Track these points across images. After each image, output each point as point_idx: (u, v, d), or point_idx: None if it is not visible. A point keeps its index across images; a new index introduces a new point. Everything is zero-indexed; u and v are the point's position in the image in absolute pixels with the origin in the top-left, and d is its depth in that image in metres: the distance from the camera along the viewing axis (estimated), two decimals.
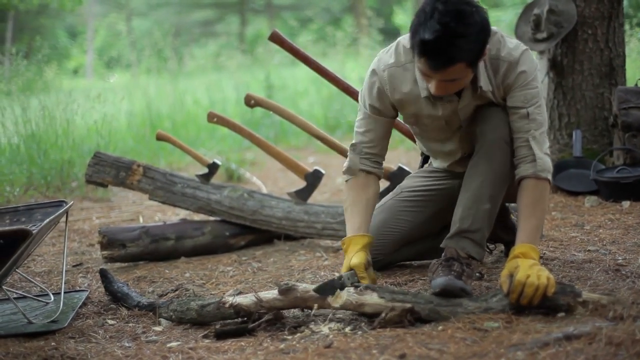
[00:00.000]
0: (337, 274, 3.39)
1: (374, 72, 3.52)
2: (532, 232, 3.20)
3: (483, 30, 3.08)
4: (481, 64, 3.30)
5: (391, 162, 5.57)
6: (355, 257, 3.37)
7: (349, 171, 3.64)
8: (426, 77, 3.20)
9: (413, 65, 3.37)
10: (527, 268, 2.98)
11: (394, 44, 3.49)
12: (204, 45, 28.75)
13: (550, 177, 3.32)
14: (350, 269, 3.34)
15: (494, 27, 3.32)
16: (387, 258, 3.90)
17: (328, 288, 3.15)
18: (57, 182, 7.40)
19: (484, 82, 3.34)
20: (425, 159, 4.07)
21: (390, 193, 4.02)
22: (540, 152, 3.30)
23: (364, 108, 3.60)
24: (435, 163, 3.94)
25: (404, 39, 3.40)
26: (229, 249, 4.89)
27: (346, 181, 3.65)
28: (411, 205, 3.88)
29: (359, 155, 3.62)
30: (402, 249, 3.93)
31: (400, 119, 3.73)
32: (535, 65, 3.36)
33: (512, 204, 3.87)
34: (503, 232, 3.96)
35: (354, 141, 3.65)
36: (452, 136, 3.64)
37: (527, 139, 3.31)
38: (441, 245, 3.44)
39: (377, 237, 3.82)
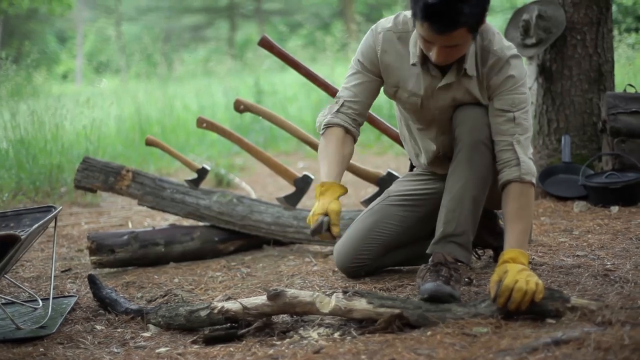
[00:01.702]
0: (321, 218, 3.37)
1: (371, 31, 3.58)
2: (520, 237, 3.20)
3: None
4: (472, 48, 3.33)
5: (380, 167, 5.58)
6: (333, 203, 3.35)
7: (327, 123, 3.62)
8: (427, 45, 3.21)
9: (408, 37, 3.43)
10: (515, 273, 2.98)
11: (395, 14, 3.54)
12: (193, 51, 28.74)
13: (534, 180, 3.32)
14: (326, 213, 3.33)
15: (491, 24, 3.38)
16: (375, 262, 3.90)
17: (318, 228, 3.26)
18: (46, 188, 7.39)
19: (470, 66, 3.35)
20: (413, 165, 4.09)
21: (378, 198, 4.03)
22: (525, 156, 3.30)
23: (354, 64, 3.62)
24: (417, 161, 3.95)
25: (407, 13, 3.44)
26: (218, 255, 4.89)
27: (322, 133, 3.63)
28: (399, 210, 3.88)
29: (338, 107, 3.60)
30: (390, 253, 3.94)
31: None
32: (524, 72, 3.37)
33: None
34: (492, 238, 3.97)
35: (338, 94, 3.65)
36: (427, 128, 3.67)
37: (511, 142, 3.31)
38: (427, 251, 3.44)
39: (364, 240, 3.85)
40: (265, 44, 4.64)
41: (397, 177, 4.56)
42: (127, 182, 4.91)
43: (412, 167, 4.10)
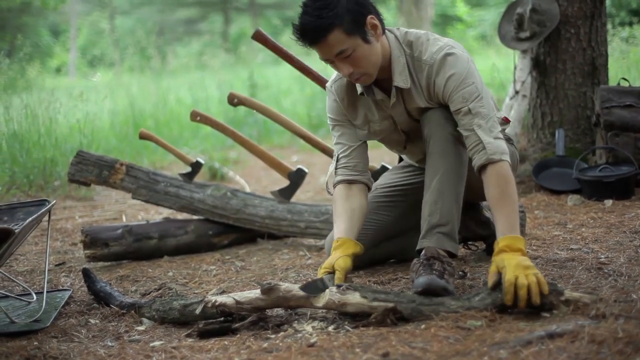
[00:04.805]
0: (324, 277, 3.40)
1: (327, 88, 3.73)
2: (509, 221, 3.17)
3: None
4: (402, 62, 3.44)
5: (374, 160, 5.57)
6: (342, 259, 3.38)
7: (331, 184, 3.75)
8: (330, 64, 3.39)
9: None
10: (514, 267, 2.95)
11: None
12: (187, 44, 28.74)
13: (506, 158, 3.29)
14: (333, 268, 3.35)
15: (421, 31, 3.50)
16: (366, 254, 3.91)
17: (313, 288, 3.16)
18: (40, 181, 7.38)
19: (401, 80, 3.44)
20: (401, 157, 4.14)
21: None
22: (489, 137, 3.29)
23: (329, 122, 3.77)
24: (405, 159, 4.01)
25: None
26: (212, 248, 4.89)
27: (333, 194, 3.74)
28: (387, 201, 3.93)
29: (335, 164, 3.74)
30: (382, 244, 3.96)
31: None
32: (464, 62, 3.39)
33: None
34: (479, 228, 3.99)
35: (334, 152, 3.78)
36: (405, 145, 3.79)
37: (473, 129, 3.32)
38: (417, 248, 3.43)
39: None
40: (259, 37, 4.64)
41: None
42: (121, 176, 4.90)
43: (401, 159, 4.14)
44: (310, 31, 3.25)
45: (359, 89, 3.54)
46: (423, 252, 3.39)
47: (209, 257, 4.69)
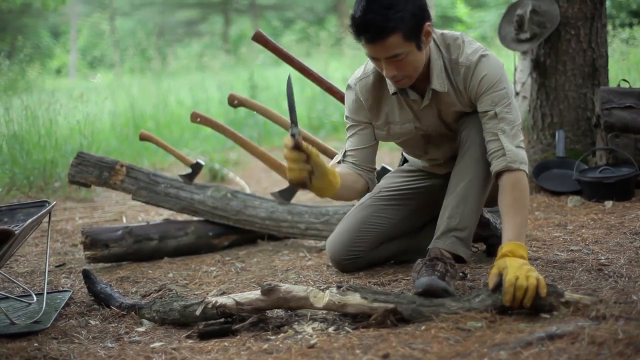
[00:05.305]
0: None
1: (348, 86, 3.68)
2: (518, 229, 3.19)
3: (413, 2, 3.18)
4: (439, 65, 3.41)
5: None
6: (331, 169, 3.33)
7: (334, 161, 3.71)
8: (376, 63, 3.32)
9: (381, 74, 3.45)
10: (516, 269, 2.96)
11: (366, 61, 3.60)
12: (187, 45, 28.75)
13: (524, 168, 3.31)
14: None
15: (457, 32, 3.47)
16: (368, 254, 3.92)
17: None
18: (40, 182, 7.38)
19: (438, 84, 3.42)
20: (405, 160, 4.12)
21: (369, 193, 4.05)
22: (511, 144, 3.30)
23: (346, 121, 3.73)
24: (416, 164, 3.99)
25: None
26: (213, 249, 4.89)
27: None
28: (390, 204, 3.92)
29: (341, 157, 3.70)
30: (382, 246, 3.96)
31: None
32: (498, 67, 3.40)
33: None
34: (480, 229, 3.98)
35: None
36: (426, 150, 3.77)
37: (496, 133, 3.32)
38: (429, 247, 3.44)
39: (358, 233, 3.88)
40: (259, 38, 4.64)
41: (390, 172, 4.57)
42: (121, 177, 4.90)
43: (403, 162, 4.13)
44: (373, 29, 3.15)
45: (392, 89, 3.51)
46: (428, 252, 3.40)
47: (209, 259, 4.68)
